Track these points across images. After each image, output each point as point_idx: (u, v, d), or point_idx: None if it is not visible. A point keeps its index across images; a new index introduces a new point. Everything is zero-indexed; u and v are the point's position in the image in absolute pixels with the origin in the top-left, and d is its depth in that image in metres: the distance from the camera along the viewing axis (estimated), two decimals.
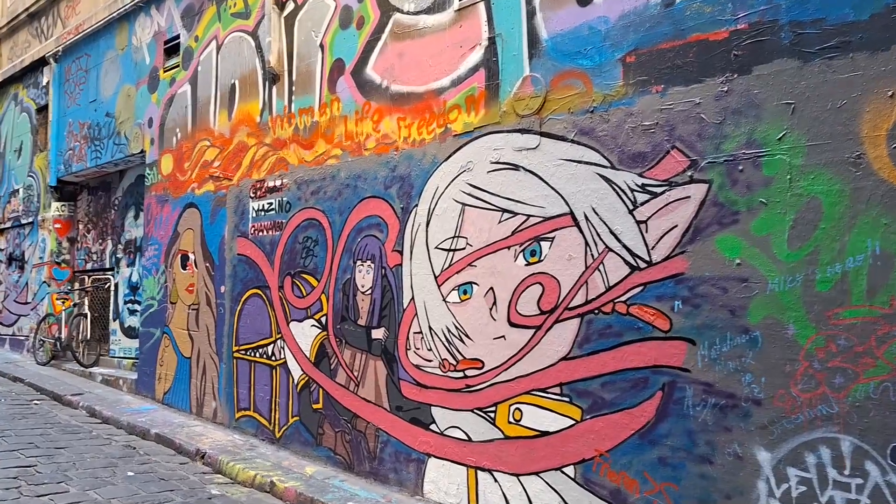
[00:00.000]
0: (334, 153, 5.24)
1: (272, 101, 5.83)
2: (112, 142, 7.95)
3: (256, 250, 5.85)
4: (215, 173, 6.34)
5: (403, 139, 4.75)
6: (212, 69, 6.52)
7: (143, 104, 7.44)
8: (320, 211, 5.31)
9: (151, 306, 7.10)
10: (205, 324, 6.35)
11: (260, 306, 5.78)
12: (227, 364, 6.05)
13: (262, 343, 5.74)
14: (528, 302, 3.93)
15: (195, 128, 6.66)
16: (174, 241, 6.82)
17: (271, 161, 5.80)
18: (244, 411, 5.84)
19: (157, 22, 7.36)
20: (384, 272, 4.77)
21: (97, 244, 8.84)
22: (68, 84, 8.93)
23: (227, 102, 6.32)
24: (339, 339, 5.06)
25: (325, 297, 5.20)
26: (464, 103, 4.39)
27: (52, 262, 9.01)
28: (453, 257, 4.34)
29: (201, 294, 6.42)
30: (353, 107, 5.12)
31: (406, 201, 4.67)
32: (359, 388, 4.89)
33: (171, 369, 6.69)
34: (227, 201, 6.21)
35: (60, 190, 9.09)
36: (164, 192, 7.02)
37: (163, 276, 6.94)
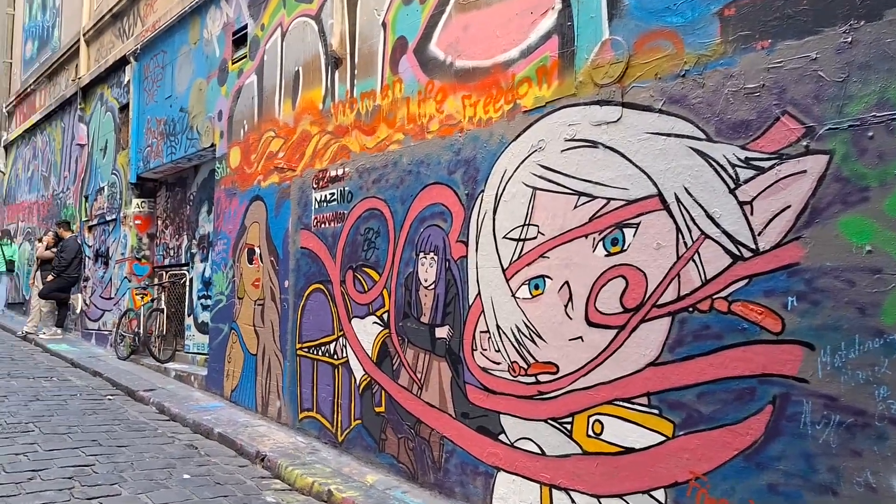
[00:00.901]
0: (396, 138, 4.86)
1: (334, 86, 5.52)
2: (185, 137, 7.90)
3: (319, 243, 5.56)
4: (279, 164, 6.10)
5: (468, 119, 4.31)
6: (277, 58, 6.29)
7: (214, 97, 7.33)
8: (382, 200, 4.94)
9: (220, 301, 6.97)
10: (269, 320, 6.12)
11: (322, 302, 5.48)
12: (290, 362, 5.80)
13: (324, 340, 5.44)
14: (609, 298, 3.41)
15: (261, 119, 6.46)
16: (241, 236, 6.64)
17: (333, 149, 5.49)
18: (307, 412, 5.56)
19: (226, 13, 7.22)
20: (448, 265, 4.35)
21: (174, 240, 8.87)
22: (147, 81, 8.99)
23: (291, 91, 6.06)
24: (402, 337, 4.68)
25: (386, 292, 4.83)
26: (534, 75, 3.91)
27: (133, 258, 9.11)
28: (523, 248, 3.87)
29: (266, 289, 6.21)
30: (415, 87, 4.72)
31: (471, 187, 4.23)
32: (422, 391, 4.49)
33: (238, 366, 6.52)
34: (290, 193, 5.95)
35: (140, 187, 9.18)
36: (232, 185, 6.86)
37: (231, 271, 6.79)
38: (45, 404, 6.17)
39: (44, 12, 13.90)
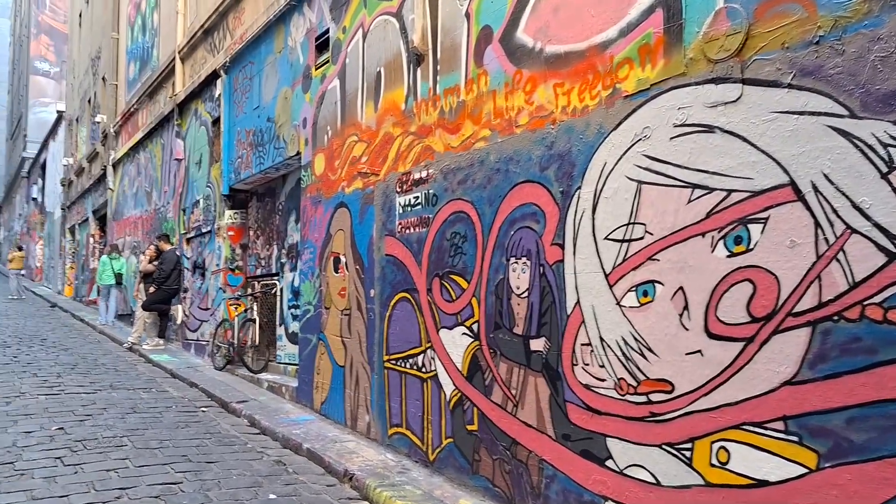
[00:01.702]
0: (482, 135, 4.54)
1: (416, 84, 5.27)
2: (273, 146, 7.89)
3: (404, 250, 5.31)
4: (363, 169, 5.91)
5: (561, 109, 3.93)
6: (358, 59, 6.12)
7: (298, 105, 7.26)
8: (468, 202, 4.63)
9: (308, 311, 6.86)
10: (356, 330, 5.94)
11: (409, 311, 5.23)
12: (378, 374, 5.58)
13: (411, 353, 5.17)
14: (732, 306, 2.95)
15: (344, 123, 6.30)
16: (327, 244, 6.51)
17: (417, 151, 5.23)
18: (396, 427, 5.31)
19: (309, 19, 7.14)
20: (542, 270, 3.98)
21: (265, 249, 8.91)
22: (236, 94, 9.10)
23: (372, 93, 5.87)
24: (494, 350, 4.34)
25: (475, 300, 4.51)
26: (636, 55, 3.49)
27: (227, 269, 9.23)
28: (628, 250, 3.45)
29: (352, 298, 6.03)
30: (502, 78, 4.39)
31: (566, 184, 3.84)
32: (518, 408, 4.13)
33: (327, 378, 6.37)
34: (374, 198, 5.75)
35: (233, 198, 9.30)
36: (317, 193, 6.75)
37: (318, 280, 6.67)
38: (140, 417, 6.24)
39: (143, 34, 14.53)
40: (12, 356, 9.59)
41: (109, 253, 14.63)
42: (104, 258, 14.55)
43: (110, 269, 14.13)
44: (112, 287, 14.25)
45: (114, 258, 14.36)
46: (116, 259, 14.38)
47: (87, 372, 8.59)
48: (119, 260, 14.41)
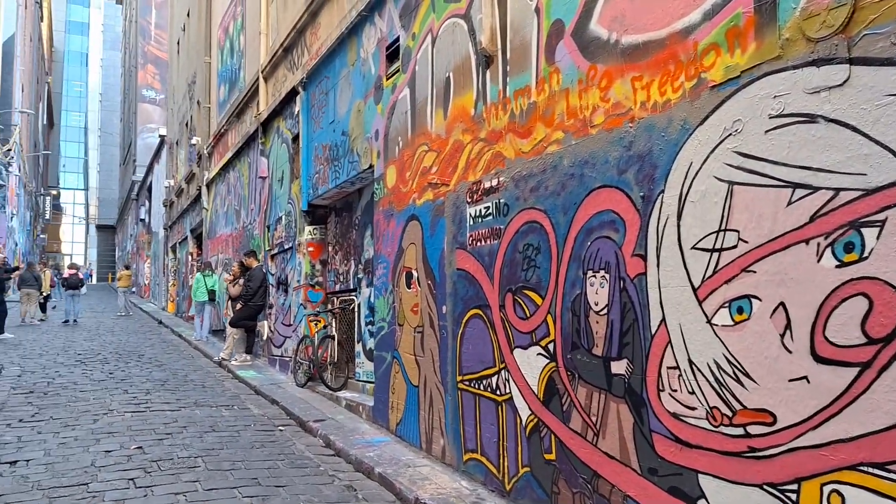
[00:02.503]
0: (555, 137, 4.23)
1: (486, 88, 5.02)
2: (347, 160, 7.85)
3: (475, 263, 5.05)
4: (433, 180, 5.71)
5: (640, 105, 3.58)
6: (428, 66, 5.94)
7: (371, 117, 7.18)
8: (541, 211, 4.33)
9: (382, 328, 6.71)
10: (429, 348, 5.72)
11: (481, 329, 4.95)
12: (452, 396, 5.33)
13: (485, 373, 4.89)
14: (844, 325, 2.51)
15: (414, 133, 6.14)
16: (399, 258, 6.34)
17: (487, 158, 4.97)
18: (471, 453, 5.04)
19: (380, 28, 7.05)
20: (622, 285, 3.62)
21: (343, 265, 8.88)
22: (313, 109, 9.16)
23: (442, 99, 5.67)
24: (571, 372, 4.00)
25: (551, 318, 4.19)
26: (723, 40, 3.11)
27: (307, 285, 9.27)
28: (719, 260, 3.06)
29: (425, 315, 5.82)
30: (575, 75, 4.07)
31: (647, 188, 3.48)
32: (598, 438, 3.77)
33: (402, 398, 6.19)
34: (444, 210, 5.53)
35: (312, 214, 9.34)
36: (389, 206, 6.61)
37: (391, 296, 6.51)
38: (218, 436, 6.25)
39: (232, 56, 15.04)
40: (109, 372, 9.99)
41: (203, 270, 15.32)
42: (198, 275, 15.20)
43: (204, 286, 14.75)
44: (206, 303, 14.80)
45: (207, 275, 15.01)
46: (209, 276, 14.99)
47: (175, 388, 8.80)
48: (212, 277, 15.00)
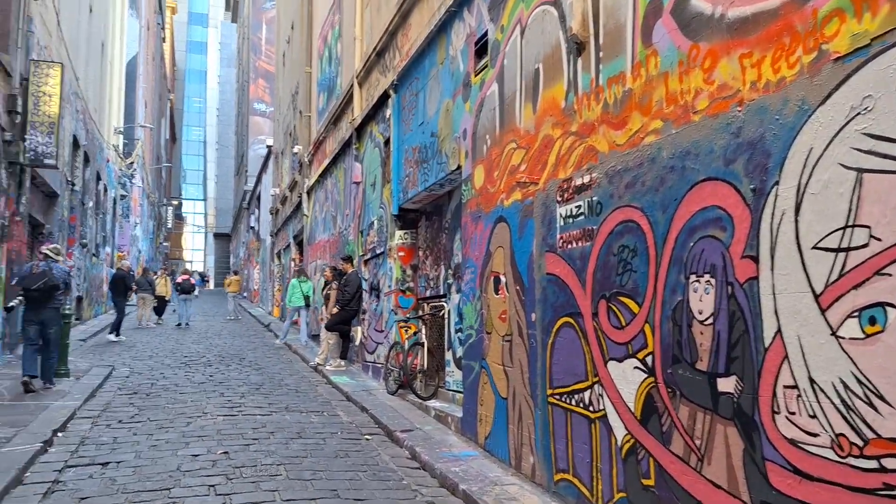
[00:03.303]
0: (652, 127, 3.84)
1: (577, 77, 4.68)
2: (436, 162, 7.67)
3: (566, 267, 4.71)
4: (521, 178, 5.41)
5: (750, 85, 3.15)
6: (516, 58, 5.66)
7: (459, 116, 6.96)
8: (637, 209, 3.94)
9: (470, 336, 6.46)
10: (518, 359, 5.41)
11: (573, 339, 4.60)
12: (542, 410, 4.99)
13: (577, 387, 4.54)
14: None
15: (502, 130, 5.86)
16: (487, 263, 6.08)
17: (578, 153, 4.63)
18: (563, 473, 4.68)
19: (469, 24, 6.84)
20: (731, 290, 3.19)
21: (433, 270, 8.71)
22: (404, 112, 9.07)
23: (531, 93, 5.37)
24: (672, 388, 3.59)
25: (648, 327, 3.79)
26: (849, 4, 2.67)
27: (398, 290, 9.17)
28: (846, 262, 2.61)
29: (513, 323, 5.51)
30: (674, 56, 3.68)
31: (759, 179, 3.05)
32: (703, 464, 3.35)
33: (490, 410, 5.90)
34: (533, 210, 5.21)
35: (402, 218, 9.25)
36: (476, 207, 6.36)
37: (478, 302, 6.25)
38: (304, 443, 6.20)
39: (330, 64, 15.32)
40: (209, 375, 10.30)
41: (298, 276, 15.79)
42: (293, 281, 15.67)
43: (299, 292, 15.22)
44: (301, 308, 15.28)
45: (302, 281, 15.47)
46: (305, 282, 15.47)
47: (269, 392, 8.92)
48: (307, 283, 15.48)
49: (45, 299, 8.38)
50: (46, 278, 8.33)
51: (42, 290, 8.30)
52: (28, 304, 8.40)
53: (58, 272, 8.50)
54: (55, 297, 8.50)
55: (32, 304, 8.38)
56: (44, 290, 8.32)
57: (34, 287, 8.28)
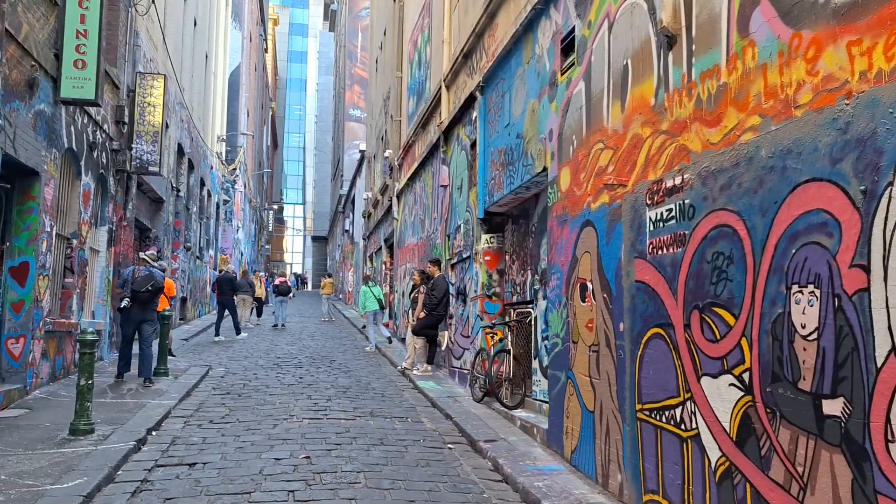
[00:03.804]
0: (750, 123, 3.56)
1: (668, 72, 4.43)
2: (521, 164, 7.52)
3: (656, 275, 4.45)
4: (608, 181, 5.18)
5: (860, 76, 2.85)
6: (604, 55, 5.44)
7: (545, 116, 6.78)
8: (733, 213, 3.66)
9: (556, 345, 6.26)
10: (605, 370, 5.18)
11: (663, 351, 4.34)
12: (630, 426, 4.75)
13: (667, 403, 4.27)
14: None
15: (589, 130, 5.65)
16: (573, 269, 5.87)
17: (669, 152, 4.37)
18: (652, 494, 4.43)
19: (555, 21, 6.65)
20: (838, 303, 2.89)
21: (520, 275, 8.55)
22: (490, 113, 8.96)
23: (619, 90, 5.13)
24: (771, 409, 3.30)
25: (745, 342, 3.51)
26: None
27: (484, 295, 9.05)
28: None
29: (600, 332, 5.28)
30: (774, 46, 3.39)
31: (870, 179, 2.75)
32: (806, 493, 3.06)
33: (577, 423, 5.69)
34: (622, 214, 4.98)
35: (489, 222, 9.13)
36: (563, 211, 6.16)
37: (564, 310, 6.05)
38: (385, 450, 6.19)
39: (419, 68, 15.42)
40: (299, 377, 10.53)
41: (366, 282, 16.34)
42: (364, 288, 16.09)
43: (372, 296, 15.64)
44: (377, 312, 15.71)
45: (371, 286, 15.96)
46: (374, 286, 15.96)
47: (356, 396, 9.01)
48: (376, 287, 16.02)
49: (149, 300, 9.13)
50: (153, 281, 9.08)
51: (150, 291, 9.07)
52: (132, 306, 9.06)
53: (158, 276, 9.22)
54: (156, 300, 9.22)
55: (137, 306, 9.07)
56: (151, 292, 9.08)
57: (142, 290, 9.00)
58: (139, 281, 9.02)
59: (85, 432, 6.10)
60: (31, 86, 7.49)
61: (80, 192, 9.67)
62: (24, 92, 7.33)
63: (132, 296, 9.00)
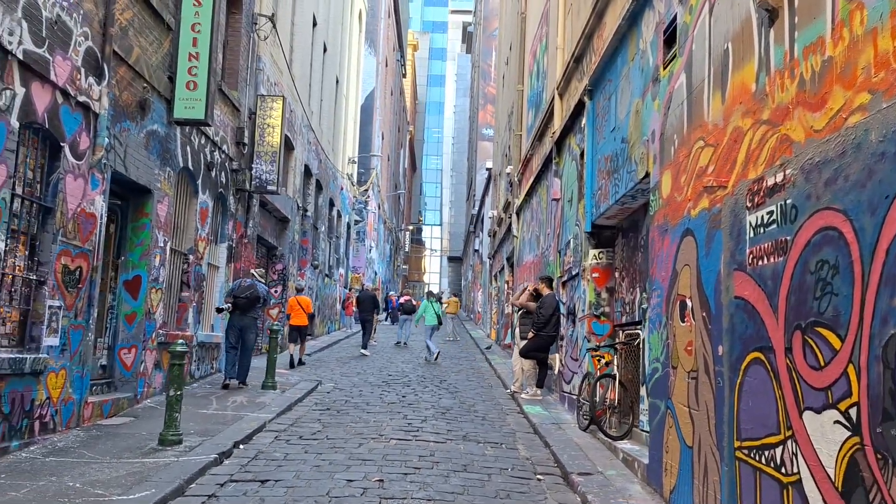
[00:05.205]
0: (858, 102, 2.96)
1: (769, 52, 3.84)
2: (625, 171, 6.97)
3: (756, 289, 3.84)
4: (708, 183, 4.59)
5: None
6: (704, 41, 4.88)
7: (648, 116, 6.24)
8: (838, 212, 3.05)
9: (656, 370, 5.67)
10: (704, 401, 4.56)
11: (763, 379, 3.72)
12: (728, 466, 4.12)
13: (767, 441, 3.64)
14: None
15: (690, 126, 5.08)
16: (673, 284, 5.28)
17: (770, 145, 3.77)
18: None
19: (658, 11, 6.12)
20: None
21: (629, 293, 7.93)
22: (598, 119, 8.46)
23: (719, 79, 4.57)
24: (882, 455, 2.66)
25: (853, 369, 2.88)
26: None
27: (592, 315, 8.50)
28: None
29: (699, 356, 4.67)
30: (885, 4, 2.79)
31: None
32: None
33: (675, 459, 5.07)
34: (721, 220, 4.39)
35: (597, 236, 8.59)
36: (663, 220, 5.59)
37: (665, 331, 5.45)
38: (466, 478, 5.84)
39: (538, 79, 15.07)
40: (402, 395, 10.41)
41: (428, 298, 18.04)
42: (424, 302, 17.81)
43: (432, 312, 17.20)
44: (434, 327, 17.07)
45: (433, 302, 17.59)
46: (434, 303, 17.63)
47: (454, 418, 8.72)
48: (437, 304, 17.74)
49: (248, 308, 10.15)
50: (251, 290, 10.18)
51: (247, 298, 10.10)
52: (233, 312, 10.14)
53: (260, 288, 10.30)
54: (255, 308, 10.24)
55: (237, 312, 10.12)
56: (248, 300, 10.11)
57: (242, 296, 10.10)
58: (241, 289, 10.15)
59: (172, 443, 6.25)
60: (143, 107, 7.94)
61: (196, 209, 10.17)
62: (135, 112, 7.77)
63: (233, 301, 10.11)
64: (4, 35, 5.30)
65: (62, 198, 6.38)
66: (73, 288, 6.68)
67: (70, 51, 6.30)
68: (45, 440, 6.18)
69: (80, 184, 6.66)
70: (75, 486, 4.87)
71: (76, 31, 6.40)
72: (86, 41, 6.60)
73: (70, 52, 6.30)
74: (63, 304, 6.49)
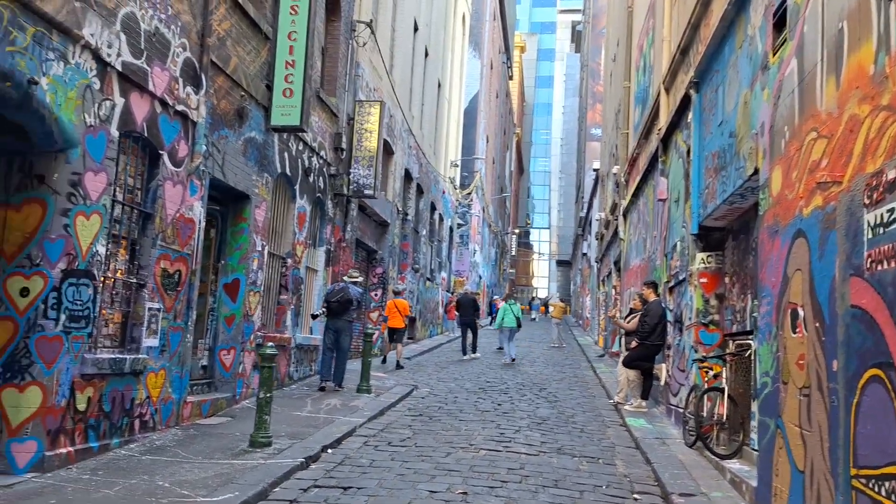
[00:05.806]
0: None
1: (889, 28, 3.43)
2: (733, 167, 6.51)
3: (875, 297, 3.42)
4: (821, 178, 4.17)
5: None
6: (817, 21, 4.45)
7: (757, 107, 5.79)
8: None
9: (766, 385, 5.22)
10: (817, 420, 4.13)
11: (883, 400, 3.30)
12: (844, 496, 3.70)
13: (888, 471, 3.23)
14: None
15: (802, 116, 4.65)
16: (784, 291, 4.84)
17: (891, 133, 3.36)
18: None
19: None
20: None
21: (740, 300, 7.40)
22: (704, 113, 7.99)
23: (833, 63, 4.14)
24: None
25: None
26: None
27: (699, 324, 8.01)
28: None
29: (811, 371, 4.25)
30: None
31: None
32: None
33: (785, 484, 4.63)
34: (836, 219, 3.96)
35: (704, 238, 8.09)
36: (773, 220, 5.15)
37: (775, 342, 5.01)
38: (554, 495, 5.60)
39: (644, 74, 14.51)
40: (497, 403, 10.23)
41: (507, 300, 18.48)
42: (504, 305, 17.95)
43: (511, 314, 17.37)
44: (513, 329, 17.24)
45: (511, 304, 17.86)
46: (514, 304, 17.87)
47: (550, 429, 8.46)
48: (516, 305, 17.90)
49: (341, 311, 10.38)
50: (343, 294, 10.42)
51: (340, 301, 10.34)
52: (328, 315, 10.42)
53: (353, 291, 10.55)
54: (349, 310, 10.49)
55: (331, 315, 10.39)
56: (341, 303, 10.35)
57: (334, 299, 10.36)
58: (333, 293, 10.48)
59: (262, 445, 6.38)
60: (241, 115, 8.21)
61: (294, 214, 10.44)
62: (232, 120, 8.05)
63: (326, 305, 10.43)
64: (104, 48, 5.59)
65: (161, 204, 6.67)
66: (173, 291, 6.97)
67: (168, 62, 6.59)
68: (145, 438, 6.47)
69: (178, 190, 6.95)
70: (164, 485, 5.04)
71: (174, 43, 6.69)
72: (184, 52, 6.89)
73: (168, 62, 6.59)
74: (162, 307, 6.79)
